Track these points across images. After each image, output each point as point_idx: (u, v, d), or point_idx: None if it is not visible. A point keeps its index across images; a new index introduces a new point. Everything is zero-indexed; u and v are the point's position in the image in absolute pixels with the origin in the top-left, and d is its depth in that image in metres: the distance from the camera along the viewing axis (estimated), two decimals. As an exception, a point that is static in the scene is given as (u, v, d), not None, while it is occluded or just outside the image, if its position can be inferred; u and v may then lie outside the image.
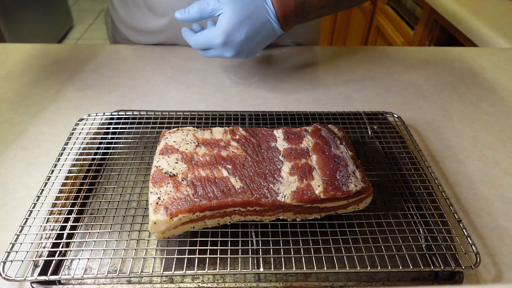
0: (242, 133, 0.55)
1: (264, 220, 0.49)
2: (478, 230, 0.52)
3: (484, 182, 0.60)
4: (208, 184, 0.47)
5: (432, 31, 1.46)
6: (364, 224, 0.50)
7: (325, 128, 0.56)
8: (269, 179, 0.49)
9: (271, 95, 0.78)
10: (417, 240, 0.49)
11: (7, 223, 0.51)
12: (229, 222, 0.49)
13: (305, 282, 0.45)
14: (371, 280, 0.45)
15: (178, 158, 0.51)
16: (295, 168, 0.50)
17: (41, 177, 0.57)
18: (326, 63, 0.90)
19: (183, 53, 0.91)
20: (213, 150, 0.52)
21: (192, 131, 0.55)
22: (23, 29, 2.56)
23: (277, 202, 0.46)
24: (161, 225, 0.44)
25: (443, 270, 0.44)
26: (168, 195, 0.46)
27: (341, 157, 0.51)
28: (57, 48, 0.92)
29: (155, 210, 0.44)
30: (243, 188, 0.47)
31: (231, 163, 0.50)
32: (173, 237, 0.48)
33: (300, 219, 0.50)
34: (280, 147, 0.54)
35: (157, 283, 0.44)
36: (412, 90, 0.81)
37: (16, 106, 0.73)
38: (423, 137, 0.69)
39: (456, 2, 1.30)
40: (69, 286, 0.44)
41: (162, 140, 0.54)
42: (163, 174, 0.48)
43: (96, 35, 3.28)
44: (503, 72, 0.89)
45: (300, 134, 0.56)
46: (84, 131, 0.62)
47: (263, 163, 0.51)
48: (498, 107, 0.77)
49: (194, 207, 0.45)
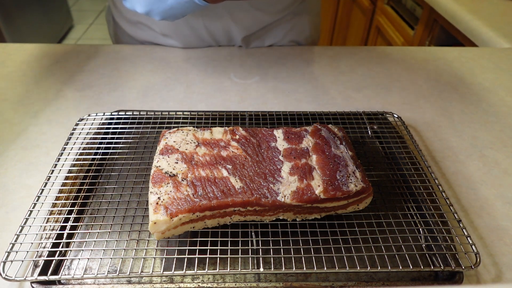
0: (242, 133, 0.55)
1: (264, 220, 0.49)
2: (478, 230, 0.52)
3: (484, 182, 0.60)
4: (208, 184, 0.47)
5: (432, 31, 1.46)
6: (364, 224, 0.50)
7: (325, 128, 0.56)
8: (269, 179, 0.49)
9: (271, 95, 0.78)
10: (417, 240, 0.49)
11: (7, 223, 0.51)
12: (229, 222, 0.49)
13: (305, 282, 0.45)
14: (371, 280, 0.45)
15: (178, 158, 0.51)
16: (295, 168, 0.50)
17: (41, 177, 0.57)
18: (326, 63, 0.90)
19: (183, 53, 0.91)
20: (213, 150, 0.52)
21: (192, 131, 0.55)
22: (23, 29, 2.56)
23: (277, 202, 0.46)
24: (161, 225, 0.44)
25: (443, 270, 0.44)
26: (168, 195, 0.46)
27: (341, 157, 0.51)
28: (57, 48, 0.92)
29: (155, 210, 0.44)
30: (243, 188, 0.47)
31: (231, 163, 0.50)
32: (173, 237, 0.48)
33: (300, 219, 0.50)
34: (280, 147, 0.54)
35: (157, 283, 0.44)
36: (412, 90, 0.81)
37: (16, 106, 0.73)
38: (423, 137, 0.69)
39: (456, 2, 1.30)
40: (69, 286, 0.44)
41: (162, 140, 0.54)
42: (163, 174, 0.48)
43: (96, 35, 3.28)
44: (503, 72, 0.89)
45: (300, 134, 0.55)
46: (84, 131, 0.62)
47: (263, 163, 0.51)
48: (498, 107, 0.77)
49: (194, 207, 0.45)
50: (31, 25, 2.66)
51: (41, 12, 2.79)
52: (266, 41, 0.94)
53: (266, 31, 0.92)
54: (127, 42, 0.98)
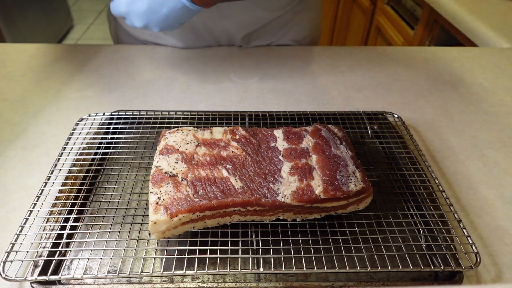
0: (242, 133, 0.55)
1: (264, 220, 0.49)
2: (478, 230, 0.52)
3: (484, 182, 0.60)
4: (208, 184, 0.47)
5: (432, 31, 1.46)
6: (364, 224, 0.50)
7: (325, 128, 0.56)
8: (269, 179, 0.49)
9: (271, 95, 0.78)
10: (417, 240, 0.49)
11: (7, 223, 0.51)
12: (229, 222, 0.49)
13: (305, 282, 0.45)
14: (371, 280, 0.45)
15: (178, 158, 0.50)
16: (295, 168, 0.50)
17: (41, 177, 0.57)
18: (326, 63, 0.90)
19: (183, 53, 0.91)
20: (213, 150, 0.52)
21: (192, 131, 0.55)
22: (23, 29, 2.56)
23: (277, 202, 0.46)
24: (161, 225, 0.44)
25: (443, 270, 0.44)
26: (168, 195, 0.46)
27: (341, 157, 0.51)
28: (57, 48, 0.92)
29: (155, 210, 0.44)
30: (243, 188, 0.47)
31: (231, 163, 0.50)
32: (173, 237, 0.48)
33: (300, 219, 0.50)
34: (280, 147, 0.54)
35: (157, 283, 0.44)
36: (412, 90, 0.81)
37: (16, 106, 0.73)
38: (423, 137, 0.69)
39: (456, 2, 1.30)
40: (69, 286, 0.44)
41: (162, 140, 0.54)
42: (163, 174, 0.48)
43: (96, 35, 3.28)
44: (503, 72, 0.89)
45: (300, 134, 0.55)
46: (84, 131, 0.62)
47: (263, 163, 0.51)
48: (498, 107, 0.77)
49: (194, 207, 0.45)
50: (31, 25, 2.66)
51: (41, 12, 2.79)
52: (266, 40, 0.94)
53: (266, 29, 0.92)
54: (128, 41, 0.98)
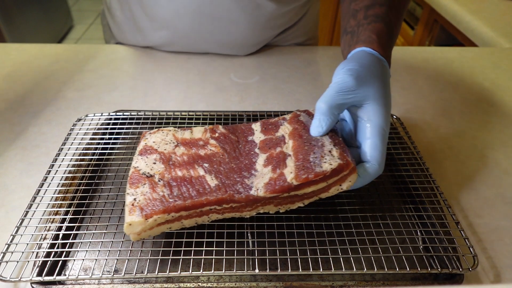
0: (222, 131, 0.53)
1: (244, 216, 0.47)
2: (477, 231, 0.52)
3: (484, 182, 0.60)
4: (184, 184, 0.46)
5: (432, 31, 1.46)
6: (361, 225, 0.49)
7: (305, 113, 0.54)
8: (244, 173, 0.47)
9: (271, 95, 0.78)
10: (415, 241, 0.49)
11: (7, 223, 0.51)
12: (207, 221, 0.47)
13: (305, 281, 0.45)
14: (371, 280, 0.45)
15: (157, 158, 0.49)
16: (270, 159, 0.48)
17: (41, 177, 0.56)
18: (326, 63, 0.90)
19: (183, 53, 0.91)
20: (191, 150, 0.51)
21: (173, 131, 0.54)
22: (23, 29, 2.56)
23: (251, 196, 0.44)
24: (136, 226, 0.43)
25: (440, 272, 0.44)
26: (144, 196, 0.44)
27: (319, 139, 0.48)
28: (57, 48, 0.92)
29: (130, 212, 0.43)
30: (218, 185, 0.45)
31: (208, 162, 0.49)
32: (172, 237, 0.48)
33: (284, 210, 0.48)
34: (256, 140, 0.52)
35: (157, 283, 0.44)
36: (412, 90, 0.81)
37: (16, 106, 0.73)
38: (423, 137, 0.69)
39: (456, 2, 1.30)
40: (69, 286, 0.43)
41: (142, 140, 0.52)
42: (140, 175, 0.47)
43: (96, 35, 3.28)
44: (503, 72, 0.89)
45: (277, 123, 0.53)
46: (82, 132, 0.62)
47: (240, 158, 0.49)
48: (498, 107, 0.77)
49: (168, 207, 0.43)
50: (31, 25, 2.65)
51: (41, 12, 2.79)
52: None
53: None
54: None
